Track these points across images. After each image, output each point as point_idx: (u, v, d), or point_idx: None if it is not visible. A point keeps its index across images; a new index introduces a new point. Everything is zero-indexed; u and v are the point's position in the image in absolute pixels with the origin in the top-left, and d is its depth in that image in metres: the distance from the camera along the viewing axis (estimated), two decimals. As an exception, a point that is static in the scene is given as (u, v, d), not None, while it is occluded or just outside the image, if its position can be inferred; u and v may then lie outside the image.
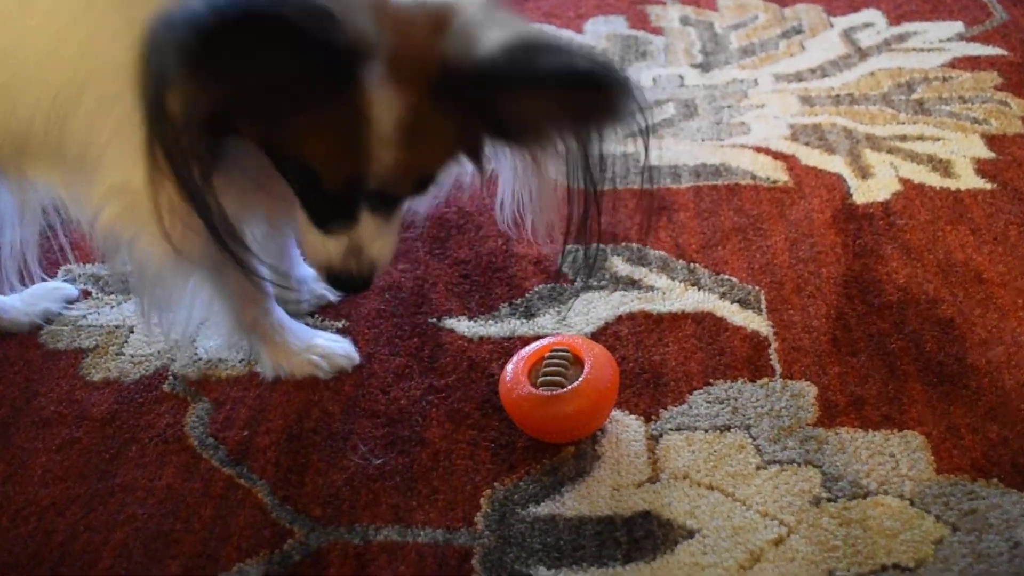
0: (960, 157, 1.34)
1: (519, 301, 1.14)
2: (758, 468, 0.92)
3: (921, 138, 1.39)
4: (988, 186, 1.27)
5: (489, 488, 0.92)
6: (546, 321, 1.10)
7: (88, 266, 1.30)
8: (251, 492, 0.94)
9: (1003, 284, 1.11)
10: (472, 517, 0.89)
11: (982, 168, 1.31)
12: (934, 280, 1.12)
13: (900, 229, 1.21)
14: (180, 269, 0.97)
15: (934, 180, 1.29)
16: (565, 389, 0.93)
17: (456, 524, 0.89)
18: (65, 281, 1.27)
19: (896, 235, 1.19)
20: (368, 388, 1.04)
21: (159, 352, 1.13)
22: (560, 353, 0.96)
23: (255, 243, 0.97)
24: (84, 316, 1.21)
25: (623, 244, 1.22)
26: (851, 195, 1.28)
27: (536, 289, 1.15)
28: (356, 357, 1.08)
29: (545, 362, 0.96)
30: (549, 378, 0.94)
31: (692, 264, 1.17)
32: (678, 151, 1.39)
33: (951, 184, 1.28)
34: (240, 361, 1.09)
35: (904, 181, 1.29)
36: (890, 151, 1.36)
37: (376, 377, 1.05)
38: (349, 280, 0.89)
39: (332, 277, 0.90)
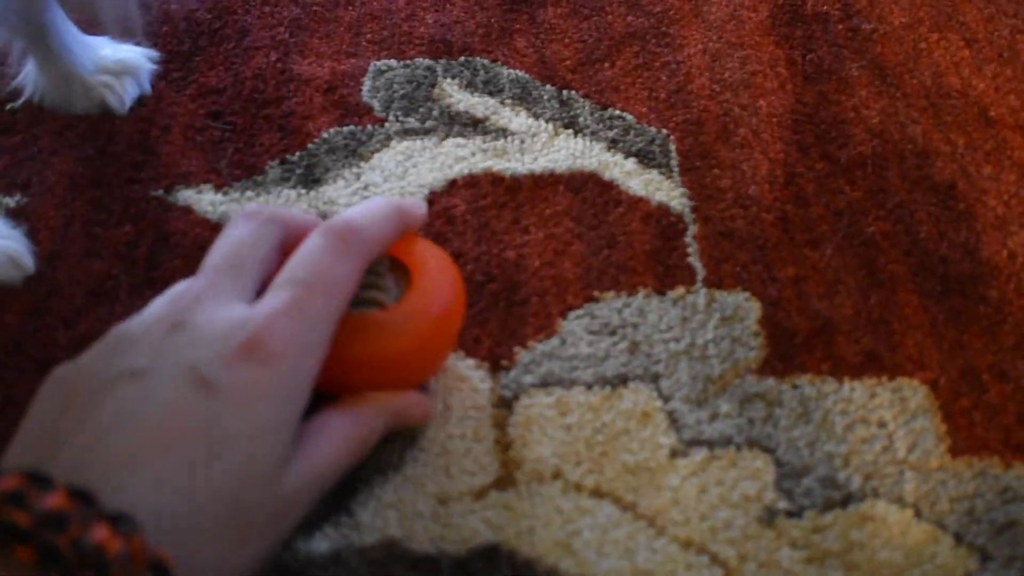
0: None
1: (297, 156, 0.72)
2: (674, 455, 0.56)
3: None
4: (982, -28, 0.89)
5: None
6: (337, 191, 0.69)
7: None
8: None
9: (1019, 126, 0.74)
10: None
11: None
12: (922, 119, 0.75)
13: (867, 38, 0.82)
14: None
15: (907, -39, 0.90)
16: (377, 311, 0.53)
17: None
18: None
19: (862, 47, 0.81)
20: (44, 319, 0.63)
21: None
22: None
23: None
24: None
25: (461, 59, 0.80)
26: (794, -16, 0.87)
27: (325, 136, 0.74)
28: (30, 263, 0.65)
29: None
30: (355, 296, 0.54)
31: (566, 92, 0.77)
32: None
33: (931, -32, 0.89)
34: None
35: (867, -37, 0.90)
36: (843, -83, 0.95)
37: (60, 296, 0.64)
38: None
39: None
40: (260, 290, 0.49)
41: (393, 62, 0.79)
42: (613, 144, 0.72)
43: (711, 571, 0.51)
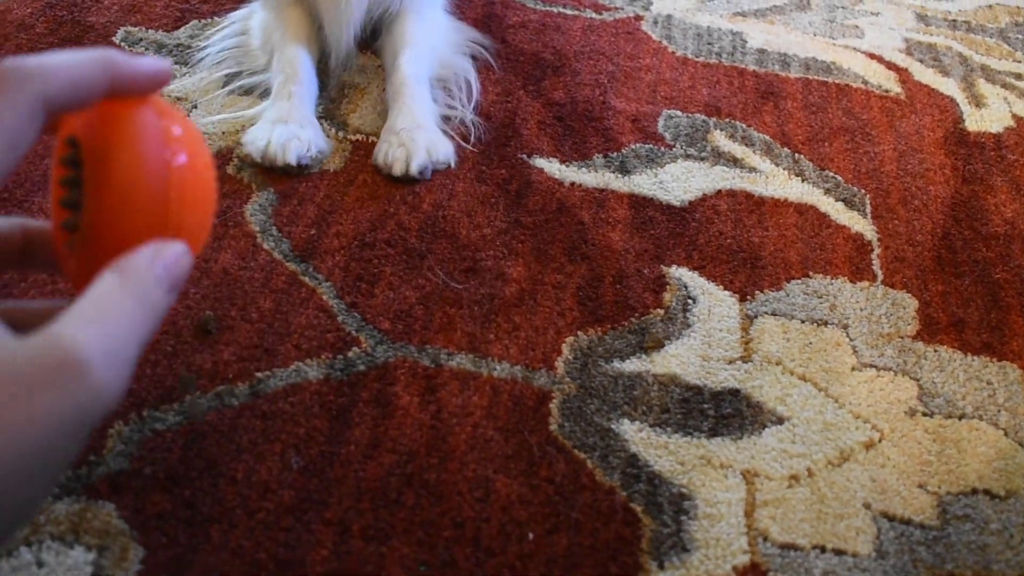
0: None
1: (614, 155, 1.07)
2: (853, 369, 0.87)
3: (1035, 80, 1.32)
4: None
5: (572, 335, 0.86)
6: (642, 180, 1.04)
7: (152, 32, 1.21)
8: (315, 292, 0.88)
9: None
10: (552, 361, 0.84)
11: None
12: (1043, 220, 1.07)
13: (1010, 164, 1.15)
14: None
15: (1046, 123, 1.23)
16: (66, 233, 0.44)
17: (535, 364, 0.83)
18: (121, 43, 1.19)
19: (1007, 168, 1.14)
20: (449, 210, 0.98)
21: (224, 133, 1.05)
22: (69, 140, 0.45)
23: None
24: (144, 81, 1.12)
25: (726, 120, 1.15)
26: (963, 120, 1.21)
27: (632, 147, 1.09)
28: (452, 158, 1.02)
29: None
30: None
31: (797, 154, 1.11)
32: (788, 40, 1.32)
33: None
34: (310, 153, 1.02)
35: (1017, 118, 1.23)
36: (1004, 86, 1.30)
37: (458, 200, 0.99)
38: None
39: None
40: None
41: (679, 112, 1.14)
42: (827, 191, 1.06)
43: (871, 433, 0.81)
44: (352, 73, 1.15)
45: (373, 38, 1.16)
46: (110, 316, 0.38)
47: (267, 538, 0.69)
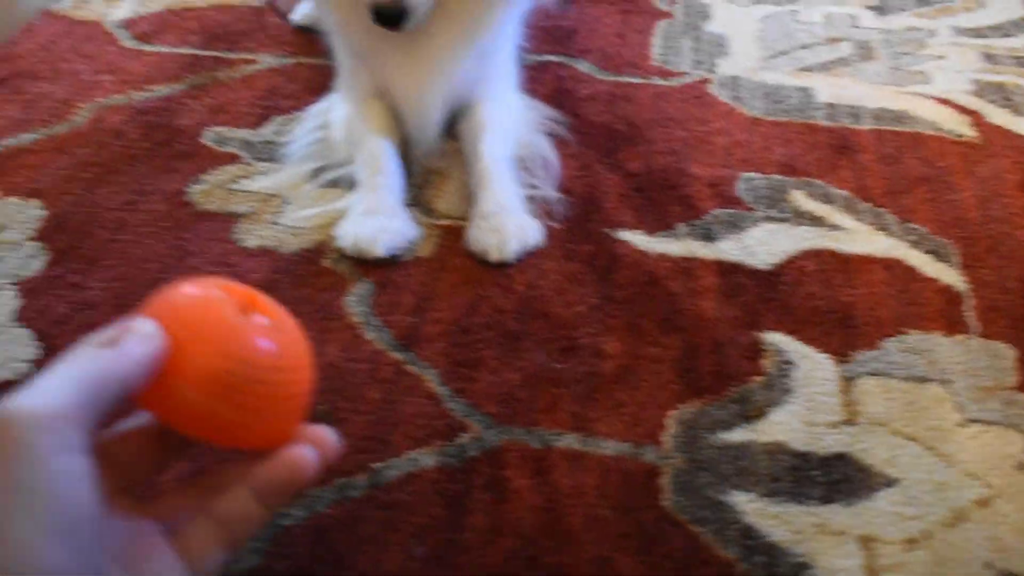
0: None
1: (697, 223, 1.09)
2: (958, 425, 0.87)
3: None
4: None
5: (675, 408, 0.88)
6: (727, 246, 1.05)
7: (238, 130, 1.26)
8: (421, 380, 0.91)
9: None
10: (658, 435, 0.85)
11: None
12: None
13: (1094, 203, 1.14)
14: None
15: None
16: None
17: (642, 440, 0.85)
18: (211, 143, 1.24)
19: (1091, 208, 1.14)
20: (541, 289, 1.00)
21: (317, 227, 1.09)
22: None
23: None
24: (235, 180, 1.17)
25: (803, 178, 1.16)
26: (1042, 160, 1.21)
27: (714, 212, 1.10)
28: (542, 239, 1.05)
29: None
30: None
31: (878, 208, 1.12)
32: (856, 92, 1.33)
33: None
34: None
35: (1097, 154, 1.23)
36: (1079, 121, 1.30)
37: (548, 279, 1.01)
38: (384, 11, 1.02)
39: (373, 11, 1.03)
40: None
41: (755, 174, 1.16)
42: (913, 244, 1.06)
43: (983, 490, 0.82)
44: (434, 159, 1.18)
45: (451, 123, 1.19)
46: None
47: (398, 630, 0.71)
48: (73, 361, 0.45)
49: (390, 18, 1.03)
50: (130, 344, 0.46)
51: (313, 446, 0.51)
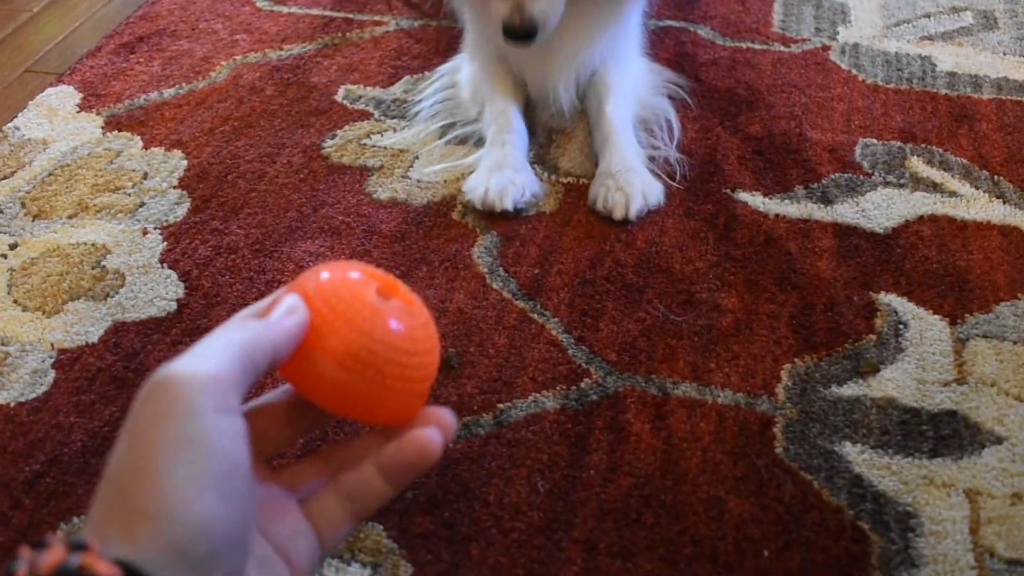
0: None
1: (815, 186, 1.11)
2: (1069, 390, 0.89)
3: None
4: None
5: (789, 362, 0.91)
6: (845, 209, 1.08)
7: (369, 89, 1.32)
8: (545, 328, 0.96)
9: None
10: (773, 387, 0.89)
11: None
12: None
13: None
14: None
15: None
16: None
17: (756, 391, 0.89)
18: (343, 100, 1.30)
19: None
20: (662, 246, 1.04)
21: (446, 181, 1.14)
22: None
23: None
24: (367, 136, 1.23)
25: (922, 145, 1.18)
26: None
27: (832, 176, 1.13)
28: (663, 198, 1.09)
29: None
30: None
31: (996, 176, 1.13)
32: (978, 61, 1.33)
33: None
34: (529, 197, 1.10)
35: None
36: None
37: (669, 236, 1.05)
38: (514, 30, 1.05)
39: (504, 29, 1.06)
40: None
41: (874, 140, 1.18)
42: (1031, 212, 1.08)
43: (1093, 451, 0.84)
44: (557, 119, 1.23)
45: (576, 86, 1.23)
46: None
47: (522, 556, 0.77)
48: (228, 329, 0.48)
49: (521, 35, 1.06)
50: (278, 315, 0.49)
51: (438, 428, 0.53)
